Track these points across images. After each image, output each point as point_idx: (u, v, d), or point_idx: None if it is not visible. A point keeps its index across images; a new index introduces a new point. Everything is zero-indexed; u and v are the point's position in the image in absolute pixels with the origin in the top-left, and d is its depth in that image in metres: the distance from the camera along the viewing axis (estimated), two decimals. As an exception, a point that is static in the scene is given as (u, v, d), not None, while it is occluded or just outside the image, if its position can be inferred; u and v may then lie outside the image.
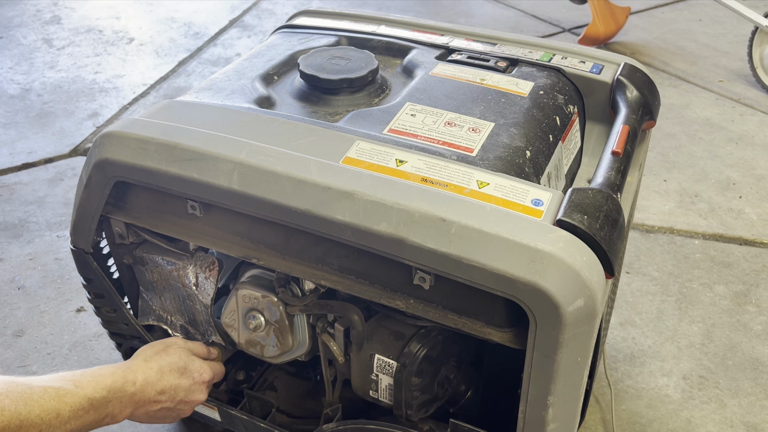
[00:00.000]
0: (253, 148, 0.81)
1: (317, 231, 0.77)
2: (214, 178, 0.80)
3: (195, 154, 0.81)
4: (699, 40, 2.81)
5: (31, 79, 2.52)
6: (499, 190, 0.75)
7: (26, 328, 1.49)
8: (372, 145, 0.82)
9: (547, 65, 1.02)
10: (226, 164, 0.80)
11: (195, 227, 0.89)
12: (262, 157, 0.80)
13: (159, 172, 0.83)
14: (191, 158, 0.81)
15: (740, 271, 1.64)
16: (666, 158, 2.06)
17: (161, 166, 0.83)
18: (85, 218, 0.94)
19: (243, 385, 1.17)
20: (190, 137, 0.84)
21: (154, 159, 0.83)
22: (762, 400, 1.33)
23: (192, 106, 0.92)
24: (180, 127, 0.86)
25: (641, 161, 1.01)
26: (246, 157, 0.80)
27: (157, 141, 0.84)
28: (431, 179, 0.76)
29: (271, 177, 0.78)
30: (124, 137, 0.85)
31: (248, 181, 0.79)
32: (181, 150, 0.82)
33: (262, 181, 0.78)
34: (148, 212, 0.91)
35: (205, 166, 0.81)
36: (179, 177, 0.82)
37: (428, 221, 0.71)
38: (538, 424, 0.79)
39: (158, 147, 0.83)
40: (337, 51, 0.99)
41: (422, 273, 0.75)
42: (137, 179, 0.86)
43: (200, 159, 0.81)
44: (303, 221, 0.77)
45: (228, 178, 0.79)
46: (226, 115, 0.89)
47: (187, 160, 0.82)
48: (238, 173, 0.79)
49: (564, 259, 0.67)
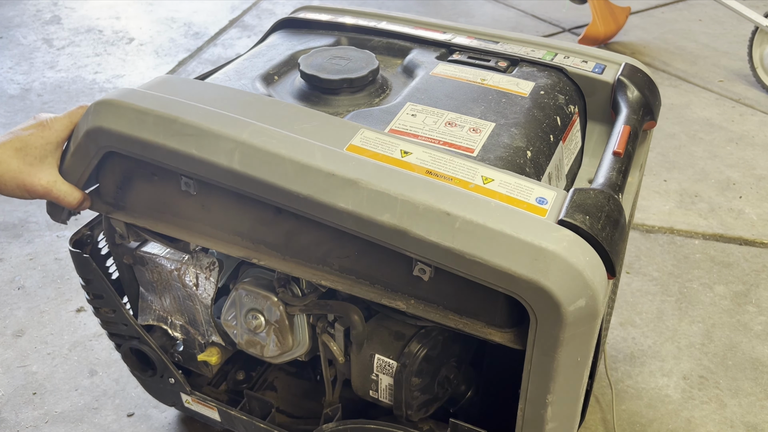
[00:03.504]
0: (256, 128, 0.79)
1: (318, 218, 0.75)
2: (214, 156, 0.77)
3: (196, 130, 0.79)
4: (699, 40, 2.81)
5: (31, 79, 2.52)
6: (504, 187, 0.75)
7: (26, 328, 1.49)
8: (377, 135, 0.81)
9: (549, 64, 1.02)
10: (228, 143, 0.77)
11: (195, 227, 0.88)
12: (266, 138, 0.78)
13: (156, 145, 0.80)
14: (191, 134, 0.79)
15: (740, 271, 1.64)
16: (666, 158, 2.06)
17: (159, 139, 0.80)
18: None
19: (243, 385, 1.17)
20: (191, 112, 0.81)
21: (152, 131, 0.80)
22: (762, 400, 1.33)
23: (193, 83, 0.90)
24: (181, 101, 0.83)
25: (642, 161, 1.01)
26: (249, 137, 0.77)
27: (157, 113, 0.81)
28: (436, 172, 0.76)
29: (273, 159, 0.76)
30: (121, 106, 0.82)
31: (250, 161, 0.76)
32: (181, 124, 0.80)
33: (264, 162, 0.76)
34: (148, 212, 0.91)
35: (206, 143, 0.78)
36: (177, 152, 0.79)
37: (432, 214, 0.71)
38: (537, 422, 0.79)
39: (157, 119, 0.80)
40: (337, 51, 0.99)
41: (422, 264, 0.75)
42: (131, 151, 0.82)
43: (201, 135, 0.79)
44: (305, 207, 0.75)
45: (229, 157, 0.77)
46: (228, 93, 0.87)
47: (187, 135, 0.79)
48: (240, 153, 0.77)
49: (567, 259, 0.67)
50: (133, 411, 1.31)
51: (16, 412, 1.31)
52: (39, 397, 1.34)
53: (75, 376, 1.38)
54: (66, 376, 1.38)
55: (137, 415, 1.30)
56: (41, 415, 1.30)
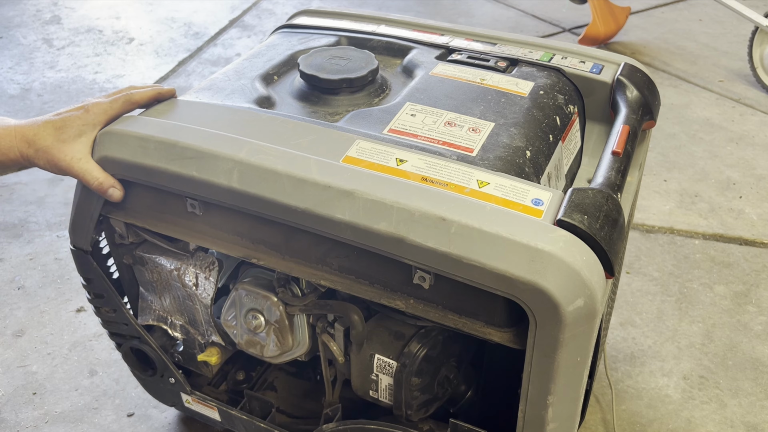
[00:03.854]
0: (253, 146, 0.81)
1: (317, 230, 0.77)
2: (213, 177, 0.80)
3: (195, 152, 0.81)
4: (699, 40, 2.81)
5: (31, 79, 2.52)
6: (500, 190, 0.75)
7: (26, 328, 1.49)
8: (372, 144, 0.82)
9: (547, 65, 1.02)
10: (226, 162, 0.80)
11: (195, 227, 0.89)
12: (262, 155, 0.80)
13: (158, 170, 0.83)
14: (191, 156, 0.81)
15: (740, 271, 1.64)
16: (666, 158, 2.06)
17: (161, 164, 0.83)
18: (84, 217, 0.94)
19: (243, 385, 1.17)
20: (189, 135, 0.84)
21: (154, 157, 0.83)
22: (762, 400, 1.33)
23: (191, 105, 0.92)
24: (179, 125, 0.86)
25: (641, 161, 1.01)
26: (246, 156, 0.80)
27: (157, 139, 0.84)
28: (431, 178, 0.76)
29: (271, 176, 0.78)
30: (123, 135, 0.85)
31: (248, 179, 0.78)
32: (180, 148, 0.82)
33: (262, 179, 0.78)
34: (148, 212, 0.91)
35: (205, 165, 0.80)
36: (179, 175, 0.82)
37: (428, 220, 0.71)
38: (538, 423, 0.79)
39: (158, 145, 0.83)
40: (337, 51, 0.99)
41: (422, 272, 0.75)
42: (137, 177, 0.86)
43: (200, 157, 0.81)
44: (303, 220, 0.77)
45: (228, 177, 0.79)
46: (225, 113, 0.89)
47: (187, 158, 0.81)
48: (238, 172, 0.79)
49: (564, 259, 0.67)
50: (133, 411, 1.31)
51: (16, 412, 1.31)
52: (39, 397, 1.34)
53: (75, 376, 1.38)
54: (66, 376, 1.38)
55: (137, 415, 1.30)
56: (41, 415, 1.30)
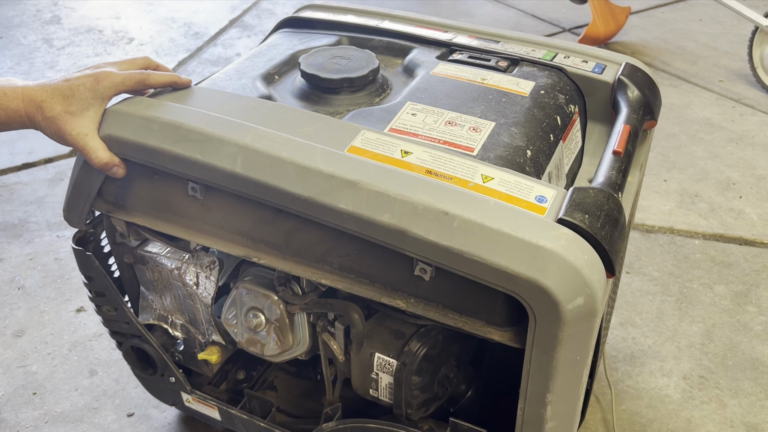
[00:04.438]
0: (258, 132, 0.80)
1: (320, 219, 0.76)
2: (217, 161, 0.79)
3: (199, 135, 0.81)
4: (699, 40, 2.81)
5: (31, 79, 2.52)
6: (504, 186, 0.75)
7: (26, 328, 1.49)
8: (378, 135, 0.81)
9: (549, 64, 1.02)
10: (231, 147, 0.79)
11: (196, 226, 0.89)
12: (268, 142, 0.79)
13: (162, 151, 0.82)
14: (195, 139, 0.81)
15: (740, 271, 1.64)
16: (666, 158, 2.06)
17: (164, 145, 0.82)
18: (80, 195, 0.92)
19: (243, 385, 1.17)
20: (194, 118, 0.83)
21: (158, 138, 0.82)
22: (762, 400, 1.33)
23: (196, 90, 0.92)
24: (185, 108, 0.85)
25: (642, 161, 1.01)
26: (251, 141, 0.79)
27: (162, 120, 0.83)
28: (436, 171, 0.76)
29: (275, 162, 0.77)
30: (128, 115, 0.85)
31: (252, 165, 0.78)
32: (185, 130, 0.81)
33: (266, 166, 0.77)
34: (149, 211, 0.91)
35: (209, 148, 0.80)
36: (182, 157, 0.81)
37: (431, 214, 0.71)
38: (537, 421, 0.79)
39: (162, 126, 0.83)
40: (338, 50, 0.99)
41: (423, 264, 0.75)
42: (139, 158, 0.85)
43: (204, 140, 0.80)
44: (306, 209, 0.76)
45: (232, 162, 0.79)
46: (231, 99, 0.89)
47: (191, 141, 0.81)
48: (243, 157, 0.78)
49: (565, 257, 0.67)
50: (133, 411, 1.31)
51: (16, 412, 1.31)
52: (39, 397, 1.34)
53: (75, 376, 1.38)
54: (66, 376, 1.38)
55: (137, 415, 1.30)
56: (41, 415, 1.30)
